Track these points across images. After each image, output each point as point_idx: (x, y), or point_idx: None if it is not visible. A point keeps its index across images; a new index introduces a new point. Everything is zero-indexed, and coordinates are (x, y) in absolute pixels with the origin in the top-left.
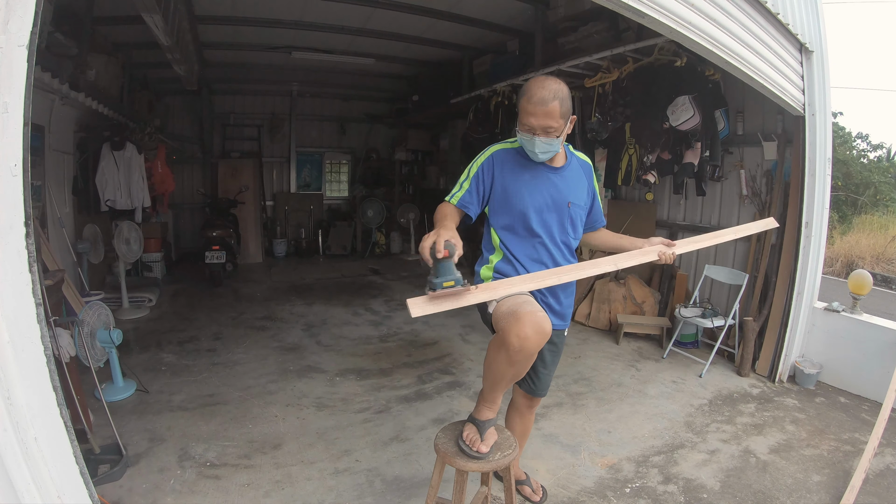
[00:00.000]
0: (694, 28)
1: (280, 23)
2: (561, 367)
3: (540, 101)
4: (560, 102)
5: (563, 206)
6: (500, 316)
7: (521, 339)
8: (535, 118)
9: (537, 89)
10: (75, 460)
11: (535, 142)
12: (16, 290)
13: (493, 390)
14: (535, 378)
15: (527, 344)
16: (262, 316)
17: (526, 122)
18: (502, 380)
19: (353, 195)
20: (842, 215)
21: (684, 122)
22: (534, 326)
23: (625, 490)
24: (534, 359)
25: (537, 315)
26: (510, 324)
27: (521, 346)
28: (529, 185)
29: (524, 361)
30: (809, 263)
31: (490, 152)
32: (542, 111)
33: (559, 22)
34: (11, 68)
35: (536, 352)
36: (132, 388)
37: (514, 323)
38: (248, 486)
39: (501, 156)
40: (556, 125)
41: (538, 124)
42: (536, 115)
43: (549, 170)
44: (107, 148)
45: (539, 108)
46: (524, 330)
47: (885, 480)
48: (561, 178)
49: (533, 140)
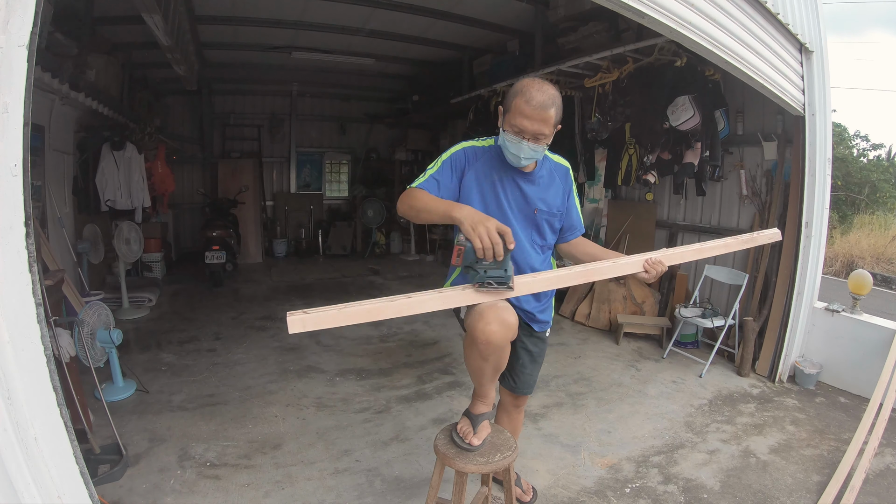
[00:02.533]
0: (694, 28)
1: (280, 23)
2: (561, 367)
3: (540, 106)
4: (556, 111)
5: (529, 214)
6: (468, 316)
7: (486, 333)
8: (529, 122)
9: (536, 92)
10: (75, 460)
11: (522, 146)
12: (16, 290)
13: (481, 385)
14: (515, 376)
15: (492, 337)
16: (262, 316)
17: (518, 123)
18: (483, 374)
19: (353, 195)
20: (842, 215)
21: (684, 122)
22: (497, 319)
23: (625, 490)
24: (505, 351)
25: (499, 307)
26: (475, 321)
27: (488, 339)
28: (496, 188)
29: (495, 353)
30: (809, 263)
31: (461, 146)
32: (540, 116)
33: (559, 22)
34: (11, 68)
35: (505, 344)
36: (132, 388)
37: (478, 319)
38: (248, 486)
39: (472, 152)
40: (547, 132)
41: (532, 129)
42: (532, 119)
43: (518, 174)
44: (107, 148)
45: (537, 112)
46: (489, 324)
47: (884, 480)
48: (529, 184)
49: (520, 144)
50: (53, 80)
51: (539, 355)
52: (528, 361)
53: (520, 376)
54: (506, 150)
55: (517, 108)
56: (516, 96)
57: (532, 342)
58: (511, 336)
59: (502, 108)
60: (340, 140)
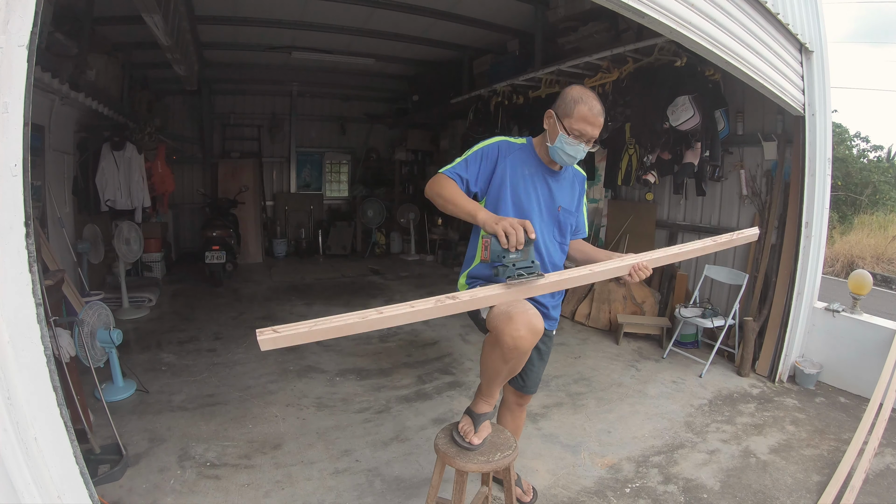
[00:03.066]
0: (694, 28)
1: (280, 23)
2: (561, 367)
3: (600, 113)
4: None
5: (553, 210)
6: (494, 316)
7: (515, 339)
8: (592, 127)
9: (595, 102)
10: (75, 460)
11: (580, 148)
12: (16, 290)
13: (490, 385)
14: (525, 376)
15: (521, 343)
16: (262, 316)
17: (581, 129)
18: (498, 376)
19: (353, 195)
20: (842, 215)
21: (684, 122)
22: (527, 325)
23: (625, 490)
24: (528, 356)
25: (529, 314)
26: (504, 323)
27: (516, 345)
28: (527, 182)
29: (518, 359)
30: (809, 263)
31: (497, 139)
32: (599, 122)
33: (559, 22)
34: (11, 68)
35: (530, 350)
36: (132, 388)
37: (507, 323)
38: (248, 486)
39: (506, 146)
40: (597, 136)
41: (592, 133)
42: (596, 126)
43: (547, 172)
44: (107, 148)
45: (598, 119)
46: (518, 330)
47: (884, 480)
48: (556, 182)
49: (579, 147)
50: (53, 80)
51: (546, 354)
52: (537, 360)
53: (529, 375)
54: (561, 151)
55: (580, 115)
56: (577, 104)
57: (542, 341)
58: (536, 341)
59: (555, 113)
60: (340, 140)
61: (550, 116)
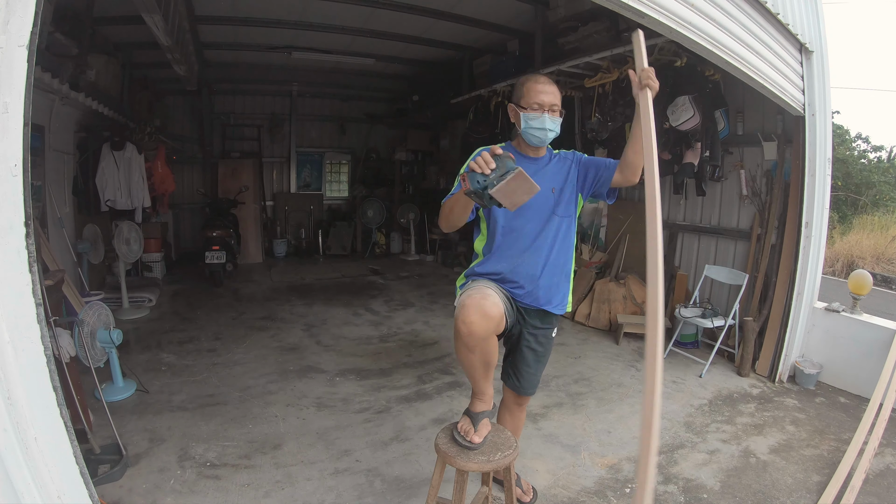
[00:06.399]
0: (694, 28)
1: (280, 23)
2: (561, 367)
3: (547, 82)
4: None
5: (548, 194)
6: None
7: (467, 325)
8: (546, 95)
9: (540, 76)
10: (75, 460)
11: (544, 119)
12: (16, 290)
13: (475, 382)
14: (518, 376)
15: (473, 328)
16: (262, 316)
17: (537, 99)
18: (474, 368)
19: (353, 195)
20: (842, 215)
21: (684, 122)
22: (477, 310)
23: (625, 490)
24: (489, 343)
25: (482, 301)
26: (458, 312)
27: (469, 330)
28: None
29: (480, 345)
30: (809, 263)
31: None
32: (551, 89)
33: (559, 22)
34: (11, 68)
35: (487, 335)
36: (132, 388)
37: (460, 310)
38: (248, 486)
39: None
40: (558, 104)
41: (549, 101)
42: (547, 91)
43: (530, 164)
44: (107, 148)
45: (548, 85)
46: (469, 315)
47: (884, 480)
48: (541, 170)
49: (543, 118)
50: (53, 80)
51: (544, 355)
52: (533, 361)
53: (524, 376)
54: (529, 131)
55: (531, 90)
56: (526, 83)
57: (537, 341)
58: (493, 327)
59: (513, 105)
60: (340, 140)
61: (511, 108)
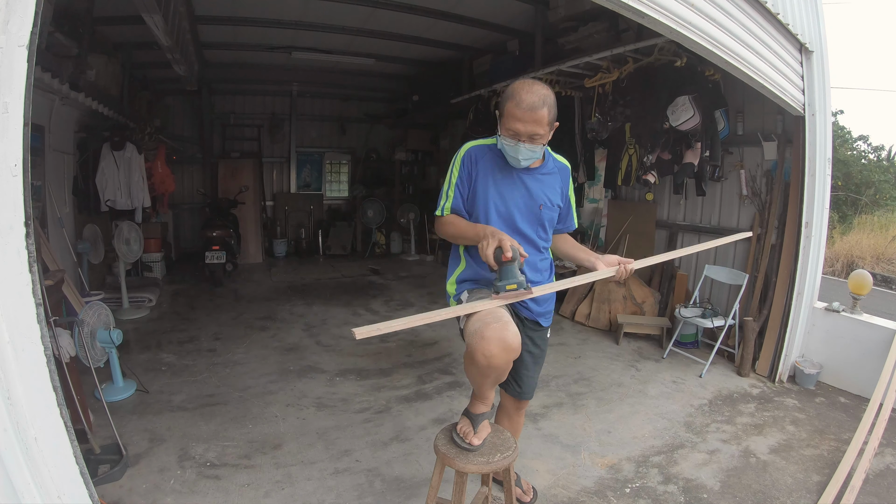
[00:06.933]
0: (694, 28)
1: (280, 23)
2: (561, 367)
3: (529, 107)
4: (548, 110)
5: (535, 209)
6: (469, 333)
7: (488, 358)
8: (522, 124)
9: (526, 94)
10: (75, 460)
11: (519, 148)
12: (16, 290)
13: (480, 390)
14: (518, 381)
15: (493, 361)
16: (262, 316)
17: (512, 127)
18: (483, 386)
19: (353, 195)
20: (842, 215)
21: (684, 122)
22: (499, 344)
23: (625, 490)
24: (507, 369)
25: (503, 332)
26: (476, 342)
27: (489, 363)
28: (500, 186)
29: (496, 374)
30: (809, 263)
31: (464, 151)
32: (531, 117)
33: (559, 22)
34: (11, 68)
35: (506, 366)
36: (132, 389)
37: (479, 341)
38: (248, 486)
39: (475, 153)
40: (542, 132)
41: (525, 130)
42: (525, 121)
43: (524, 171)
44: (107, 148)
45: (528, 114)
46: (490, 349)
47: (884, 480)
48: (534, 180)
49: (517, 147)
50: (53, 80)
51: (540, 357)
52: (531, 363)
53: (524, 381)
54: (505, 153)
55: (509, 112)
56: (508, 100)
57: (533, 343)
58: (513, 357)
59: (498, 112)
60: (340, 140)
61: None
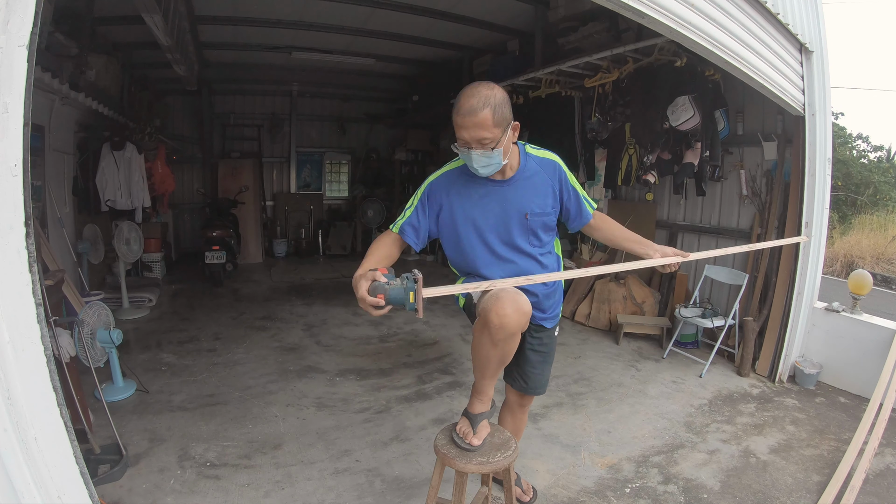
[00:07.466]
0: (694, 28)
1: (280, 23)
2: (561, 367)
3: (469, 112)
4: (492, 110)
5: (521, 220)
6: (485, 300)
7: (501, 317)
8: (465, 130)
9: (465, 99)
10: (75, 460)
11: (472, 156)
12: (16, 290)
13: (483, 378)
14: (524, 376)
15: (506, 321)
16: (262, 316)
17: (458, 135)
18: (489, 364)
19: (353, 195)
20: (842, 215)
21: (684, 122)
22: (513, 304)
23: (625, 490)
24: (515, 339)
25: (516, 297)
26: (491, 304)
27: (501, 323)
28: (480, 205)
29: (506, 341)
30: (809, 263)
31: (427, 183)
32: (472, 122)
33: (559, 22)
34: (11, 68)
35: (517, 330)
36: (132, 389)
37: (494, 303)
38: (248, 487)
39: (439, 184)
40: (490, 136)
41: (470, 137)
42: (466, 126)
43: (497, 185)
44: (107, 148)
45: (468, 118)
46: (504, 308)
47: (884, 480)
48: (513, 189)
49: (470, 154)
50: (53, 80)
51: (549, 354)
52: (538, 361)
53: (530, 377)
54: (466, 164)
55: (454, 121)
56: (454, 106)
57: (538, 342)
58: (524, 323)
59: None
60: (340, 140)
61: None
